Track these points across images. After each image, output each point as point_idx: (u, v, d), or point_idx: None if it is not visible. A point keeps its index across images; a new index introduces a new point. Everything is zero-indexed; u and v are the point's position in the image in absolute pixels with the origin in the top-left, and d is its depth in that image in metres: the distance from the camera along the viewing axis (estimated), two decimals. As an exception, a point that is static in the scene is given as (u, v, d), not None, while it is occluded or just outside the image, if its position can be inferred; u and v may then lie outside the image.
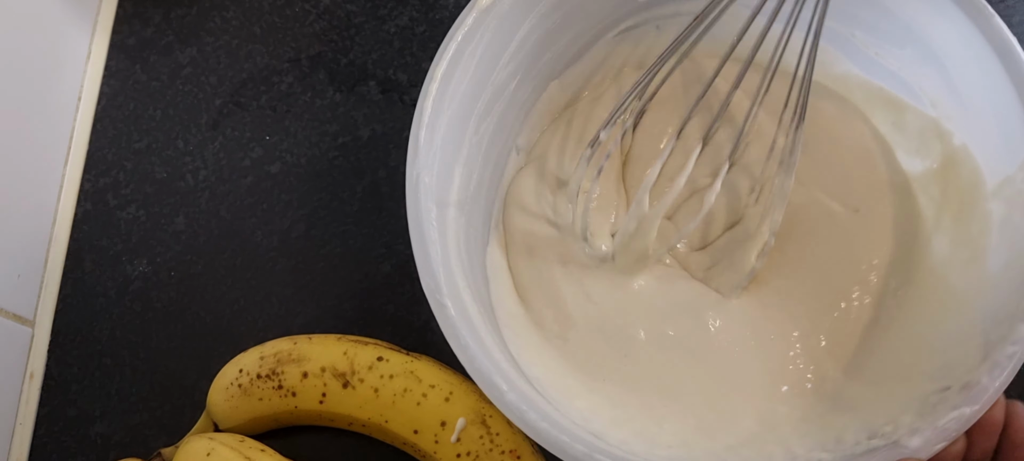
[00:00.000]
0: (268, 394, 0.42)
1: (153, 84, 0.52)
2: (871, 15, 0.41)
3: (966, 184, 0.40)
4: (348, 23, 0.52)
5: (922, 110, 0.42)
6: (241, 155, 0.50)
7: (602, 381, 0.41)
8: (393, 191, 0.49)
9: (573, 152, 0.45)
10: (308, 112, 0.51)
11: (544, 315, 0.42)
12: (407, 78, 0.51)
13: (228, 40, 0.53)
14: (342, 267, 0.48)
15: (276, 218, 0.49)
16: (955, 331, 0.37)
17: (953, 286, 0.39)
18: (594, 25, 0.45)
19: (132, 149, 0.51)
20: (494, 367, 0.34)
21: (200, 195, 0.49)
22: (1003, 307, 0.35)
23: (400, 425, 0.41)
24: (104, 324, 0.47)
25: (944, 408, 0.33)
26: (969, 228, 0.39)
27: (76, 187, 0.50)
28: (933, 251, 0.41)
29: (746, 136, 0.43)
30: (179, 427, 0.45)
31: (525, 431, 0.33)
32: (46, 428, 0.46)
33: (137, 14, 0.53)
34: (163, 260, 0.48)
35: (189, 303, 0.47)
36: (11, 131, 0.46)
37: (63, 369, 0.47)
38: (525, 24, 0.41)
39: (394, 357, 0.42)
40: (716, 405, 0.40)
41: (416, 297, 0.46)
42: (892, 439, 0.33)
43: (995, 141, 0.38)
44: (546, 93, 0.45)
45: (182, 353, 0.47)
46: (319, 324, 0.47)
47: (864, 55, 0.43)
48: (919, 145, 0.42)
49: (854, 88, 0.44)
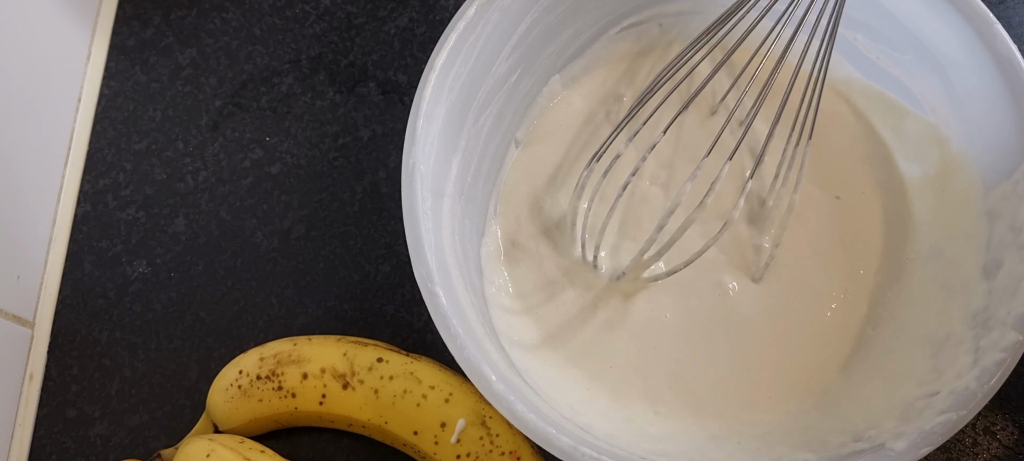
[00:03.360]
0: (268, 395, 0.42)
1: (153, 85, 0.52)
2: (874, 19, 0.41)
3: (962, 191, 0.40)
4: (348, 24, 0.52)
5: (921, 116, 0.42)
6: (241, 156, 0.50)
7: (593, 376, 0.41)
8: (393, 192, 0.49)
9: (576, 155, 0.45)
10: (308, 113, 0.51)
11: (538, 310, 0.42)
12: (407, 79, 0.51)
13: (228, 41, 0.53)
14: (342, 268, 0.48)
15: (276, 219, 0.49)
16: (945, 337, 0.37)
17: (945, 292, 0.39)
18: (597, 21, 0.45)
19: (132, 150, 0.51)
20: (483, 358, 0.34)
21: (200, 196, 0.49)
22: (994, 314, 0.35)
23: (400, 426, 0.41)
24: (104, 325, 0.47)
25: (931, 413, 0.33)
26: (963, 235, 0.39)
27: (76, 188, 0.50)
28: (926, 256, 0.41)
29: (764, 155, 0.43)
30: (179, 428, 0.45)
31: (512, 421, 0.33)
32: (46, 429, 0.46)
33: (137, 16, 0.53)
34: (163, 261, 0.48)
35: (189, 304, 0.47)
36: (11, 132, 0.46)
37: (63, 370, 0.47)
38: (527, 17, 0.41)
39: (394, 358, 0.42)
40: (701, 403, 0.40)
41: (416, 298, 0.46)
42: (877, 442, 0.33)
43: (992, 148, 0.38)
44: (547, 87, 0.45)
45: (182, 354, 0.47)
46: (319, 325, 0.47)
47: (866, 59, 0.43)
48: (917, 150, 0.43)
49: (855, 92, 0.44)
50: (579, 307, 0.42)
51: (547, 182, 0.45)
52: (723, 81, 0.46)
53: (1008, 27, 0.37)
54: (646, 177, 0.44)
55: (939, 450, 0.33)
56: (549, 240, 0.44)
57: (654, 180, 0.44)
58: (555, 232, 0.44)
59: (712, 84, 0.43)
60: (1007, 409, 0.43)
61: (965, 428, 0.33)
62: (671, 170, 0.44)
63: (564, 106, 0.46)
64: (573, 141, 0.46)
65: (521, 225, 0.44)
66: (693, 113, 0.45)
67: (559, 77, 0.46)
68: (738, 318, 0.42)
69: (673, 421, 0.40)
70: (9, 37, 0.45)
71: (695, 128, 0.45)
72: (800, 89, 0.41)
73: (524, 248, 0.44)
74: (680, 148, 0.45)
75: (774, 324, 0.42)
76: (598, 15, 0.45)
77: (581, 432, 0.36)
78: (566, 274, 0.43)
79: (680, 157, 0.45)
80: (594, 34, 0.45)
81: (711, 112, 0.46)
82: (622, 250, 0.43)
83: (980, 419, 0.42)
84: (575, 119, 0.46)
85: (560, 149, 0.45)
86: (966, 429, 0.41)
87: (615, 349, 0.41)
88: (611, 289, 0.42)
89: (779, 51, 0.39)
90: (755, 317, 0.42)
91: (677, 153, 0.45)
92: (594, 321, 0.42)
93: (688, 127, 0.45)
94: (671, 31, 0.47)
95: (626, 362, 0.41)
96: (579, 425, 0.37)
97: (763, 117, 0.44)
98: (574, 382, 0.41)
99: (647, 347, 0.41)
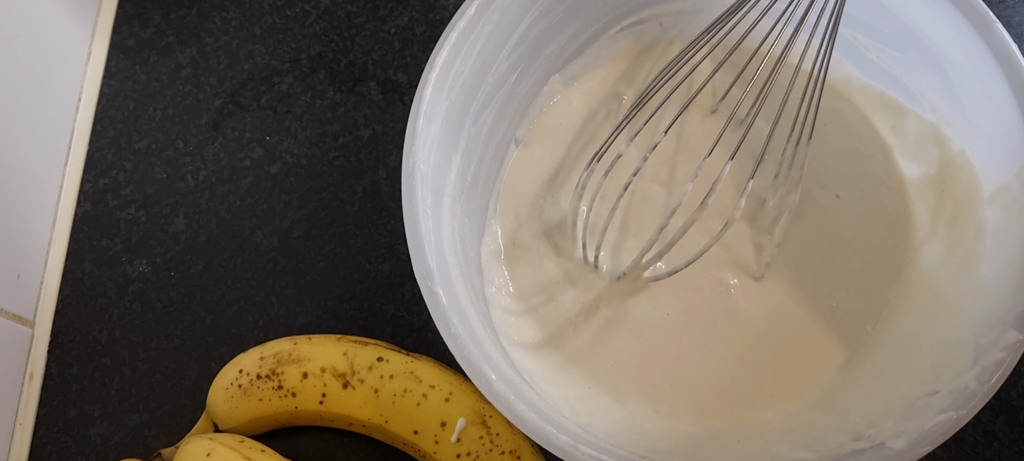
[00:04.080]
0: (268, 394, 0.42)
1: (153, 85, 0.52)
2: (874, 18, 0.41)
3: (962, 190, 0.40)
4: (348, 24, 0.52)
5: (921, 115, 0.42)
6: (241, 155, 0.50)
7: (594, 375, 0.41)
8: (393, 191, 0.49)
9: (576, 154, 0.45)
10: (308, 112, 0.51)
11: (538, 310, 0.42)
12: (407, 78, 0.51)
13: (228, 41, 0.53)
14: (342, 267, 0.48)
15: (276, 218, 0.49)
16: (945, 335, 0.37)
17: (945, 291, 0.39)
18: (597, 20, 0.45)
19: (132, 149, 0.51)
20: (484, 357, 0.34)
21: (200, 195, 0.49)
22: (994, 313, 0.35)
23: (400, 425, 0.41)
24: (104, 324, 0.47)
25: (931, 412, 0.33)
26: (963, 234, 0.39)
27: (76, 187, 0.50)
28: (926, 255, 0.41)
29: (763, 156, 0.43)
30: (179, 427, 0.45)
31: (512, 420, 0.33)
32: (46, 428, 0.46)
33: (137, 15, 0.53)
34: (163, 260, 0.48)
35: (189, 303, 0.47)
36: (11, 132, 0.46)
37: (63, 369, 0.47)
38: (527, 17, 0.41)
39: (394, 357, 0.42)
40: (702, 401, 0.40)
41: (416, 297, 0.46)
42: (877, 441, 0.33)
43: (993, 148, 0.38)
44: (547, 86, 0.45)
45: (182, 353, 0.47)
46: (319, 324, 0.47)
47: (866, 58, 0.43)
48: (917, 150, 0.43)
49: (855, 91, 0.44)
50: (580, 306, 0.42)
51: (547, 182, 0.45)
52: (723, 80, 0.46)
53: (1008, 26, 0.37)
54: (646, 176, 0.44)
55: (939, 449, 0.33)
56: (549, 240, 0.44)
57: (654, 178, 0.44)
58: (555, 232, 0.44)
59: (712, 83, 0.43)
60: (1007, 409, 0.43)
61: (965, 427, 0.33)
62: (671, 168, 0.44)
63: (564, 105, 0.46)
64: (573, 140, 0.46)
65: (521, 224, 0.44)
66: (693, 112, 0.45)
67: (559, 76, 0.46)
68: (739, 317, 0.42)
69: (674, 420, 0.40)
70: (10, 36, 0.45)
71: (695, 127, 0.45)
72: (800, 88, 0.41)
73: (524, 248, 0.44)
74: (681, 147, 0.45)
75: (775, 323, 0.42)
76: (598, 14, 0.45)
77: (581, 431, 0.36)
78: (567, 273, 0.43)
79: (680, 156, 0.45)
80: (594, 33, 0.45)
81: (711, 111, 0.46)
82: (623, 249, 0.43)
83: (980, 418, 0.42)
84: (575, 118, 0.46)
85: (560, 148, 0.46)
86: (966, 428, 0.41)
87: (616, 348, 0.41)
88: (612, 288, 0.42)
89: (779, 50, 0.39)
90: (756, 316, 0.42)
91: (678, 152, 0.45)
92: (595, 320, 0.42)
93: (688, 126, 0.45)
94: (671, 30, 0.47)
95: (627, 361, 0.41)
96: (579, 424, 0.37)
97: (763, 116, 0.44)
98: (574, 381, 0.41)
99: (648, 346, 0.41)
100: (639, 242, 0.43)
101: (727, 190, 0.44)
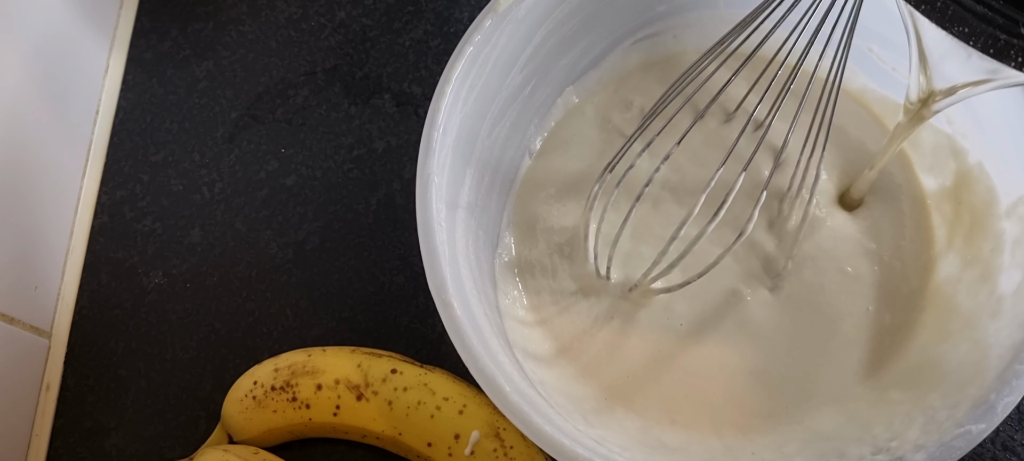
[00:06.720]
0: (282, 406, 0.42)
1: (170, 98, 0.52)
2: (889, 29, 0.41)
3: (980, 202, 0.39)
4: (363, 37, 0.53)
5: (937, 126, 0.42)
6: (256, 168, 0.50)
7: (608, 386, 0.41)
8: (407, 203, 0.49)
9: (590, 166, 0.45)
10: (323, 125, 0.51)
11: (552, 321, 0.42)
12: (421, 91, 0.51)
13: (244, 54, 0.53)
14: (356, 279, 0.48)
15: (291, 230, 0.49)
16: (964, 348, 0.37)
17: (963, 304, 0.39)
18: (611, 33, 0.45)
19: (149, 162, 0.51)
20: (497, 368, 0.34)
21: (216, 207, 0.50)
22: (1015, 326, 0.34)
23: (414, 438, 0.41)
24: (120, 336, 0.48)
25: (951, 425, 0.33)
26: (981, 247, 0.39)
27: (93, 200, 0.50)
28: (943, 268, 0.41)
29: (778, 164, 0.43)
30: (194, 439, 0.45)
31: (526, 433, 0.33)
32: (62, 439, 0.46)
33: (154, 29, 0.54)
34: (179, 272, 0.49)
35: (204, 315, 0.48)
36: (30, 144, 0.46)
37: (79, 381, 0.47)
38: (542, 29, 0.41)
39: (408, 369, 0.42)
40: (718, 412, 0.40)
41: (430, 309, 0.46)
42: (897, 455, 0.33)
43: (1010, 159, 0.38)
44: (561, 98, 0.45)
45: (197, 365, 0.47)
46: (333, 336, 0.47)
47: (880, 70, 0.43)
48: (933, 162, 0.42)
49: (871, 102, 0.44)
50: (593, 318, 0.42)
51: (561, 193, 0.45)
52: (737, 90, 0.45)
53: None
54: (658, 185, 0.44)
55: (959, 463, 0.32)
56: (563, 251, 0.44)
57: (666, 186, 0.44)
58: (569, 243, 0.44)
59: (726, 93, 0.43)
60: (1027, 422, 0.42)
61: (985, 441, 0.32)
62: (683, 176, 0.44)
63: (578, 117, 0.46)
64: (587, 152, 0.46)
65: (535, 236, 0.44)
66: (707, 122, 0.45)
67: (573, 88, 0.46)
68: (754, 327, 0.42)
69: (689, 431, 0.40)
70: (28, 50, 0.46)
71: (709, 137, 0.45)
72: (814, 98, 0.41)
73: (538, 259, 0.44)
74: (694, 156, 0.45)
75: (791, 333, 0.41)
76: (612, 27, 0.45)
77: (596, 444, 0.36)
78: (580, 285, 0.43)
79: (693, 164, 0.45)
80: (608, 46, 0.45)
81: (725, 120, 0.45)
82: (636, 259, 0.43)
83: (999, 432, 0.42)
84: (589, 130, 0.46)
85: (574, 160, 0.45)
86: (986, 442, 0.41)
87: (630, 359, 0.41)
88: (625, 299, 0.42)
89: (793, 61, 0.39)
90: (771, 326, 0.42)
91: (690, 161, 0.45)
92: (609, 331, 0.42)
93: (702, 136, 0.45)
94: (685, 43, 0.47)
95: (642, 372, 0.41)
96: (594, 436, 0.37)
97: (777, 127, 0.44)
98: (589, 393, 0.41)
99: (662, 357, 0.41)
100: (652, 252, 0.42)
101: (741, 199, 0.43)
